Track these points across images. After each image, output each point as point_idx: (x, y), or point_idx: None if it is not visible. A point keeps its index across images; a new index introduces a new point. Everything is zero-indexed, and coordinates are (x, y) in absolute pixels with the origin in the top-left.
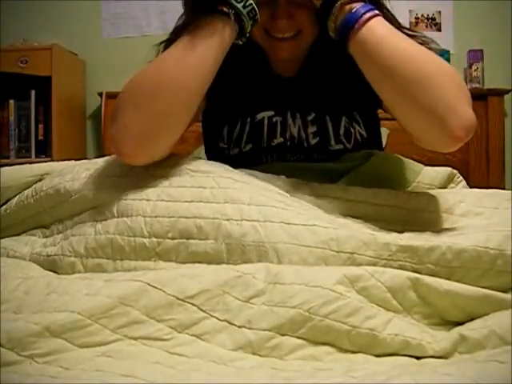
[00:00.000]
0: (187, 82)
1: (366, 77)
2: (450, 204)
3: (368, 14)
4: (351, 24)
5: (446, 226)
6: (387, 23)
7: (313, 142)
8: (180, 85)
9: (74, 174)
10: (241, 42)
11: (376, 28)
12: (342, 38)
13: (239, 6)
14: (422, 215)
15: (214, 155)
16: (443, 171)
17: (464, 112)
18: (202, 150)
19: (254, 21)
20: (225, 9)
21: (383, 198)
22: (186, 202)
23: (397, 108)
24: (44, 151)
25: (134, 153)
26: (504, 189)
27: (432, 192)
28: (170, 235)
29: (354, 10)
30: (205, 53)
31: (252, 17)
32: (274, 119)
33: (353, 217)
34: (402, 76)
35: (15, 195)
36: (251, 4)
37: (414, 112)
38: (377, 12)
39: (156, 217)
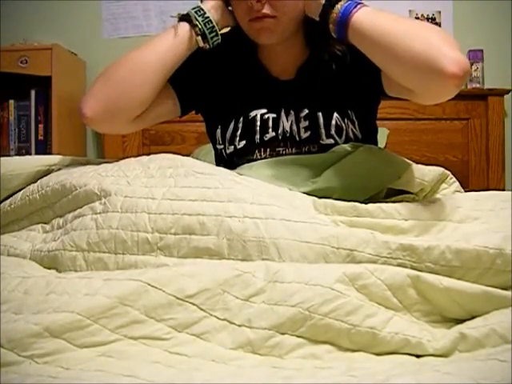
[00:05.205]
0: (144, 58)
1: (370, 57)
2: (448, 210)
3: (354, 9)
4: (344, 21)
5: (445, 232)
6: (371, 9)
7: (304, 135)
8: (139, 60)
9: (81, 172)
10: (205, 46)
11: (364, 15)
12: (341, 36)
13: (200, 19)
14: (420, 225)
15: (217, 159)
16: (434, 170)
17: (454, 53)
18: (201, 150)
19: (212, 32)
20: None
21: (379, 212)
22: (190, 200)
23: (397, 70)
24: (44, 151)
25: (94, 115)
26: (504, 189)
27: (429, 200)
28: (172, 231)
29: (342, 9)
30: (164, 40)
31: (210, 28)
32: (266, 116)
33: None
34: (394, 41)
35: (21, 188)
36: (208, 17)
37: (410, 66)
38: (361, 3)
39: (160, 214)
